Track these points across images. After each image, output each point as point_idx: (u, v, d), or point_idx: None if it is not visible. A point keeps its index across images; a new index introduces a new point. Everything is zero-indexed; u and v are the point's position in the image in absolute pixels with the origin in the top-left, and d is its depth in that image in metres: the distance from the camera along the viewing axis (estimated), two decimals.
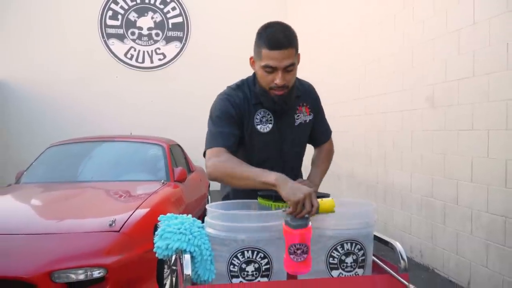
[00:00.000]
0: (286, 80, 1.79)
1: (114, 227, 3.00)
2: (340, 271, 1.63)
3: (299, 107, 1.99)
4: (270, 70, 1.78)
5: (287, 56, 1.75)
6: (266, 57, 1.76)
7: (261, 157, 1.94)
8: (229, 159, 1.77)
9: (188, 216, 1.70)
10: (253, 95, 1.93)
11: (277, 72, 1.77)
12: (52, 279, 2.63)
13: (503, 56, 3.50)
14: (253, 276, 1.55)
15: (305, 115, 2.01)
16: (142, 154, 4.93)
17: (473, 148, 3.87)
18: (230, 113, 1.88)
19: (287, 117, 1.96)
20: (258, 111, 1.92)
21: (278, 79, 1.77)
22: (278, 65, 1.75)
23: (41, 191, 4.16)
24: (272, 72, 1.78)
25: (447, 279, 4.23)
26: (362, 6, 6.31)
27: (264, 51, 1.76)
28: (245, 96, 1.92)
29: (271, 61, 1.75)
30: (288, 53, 1.75)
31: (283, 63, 1.75)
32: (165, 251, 1.59)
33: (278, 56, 1.74)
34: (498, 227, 3.56)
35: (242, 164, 1.73)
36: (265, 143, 1.94)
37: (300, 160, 2.12)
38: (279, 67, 1.76)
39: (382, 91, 5.58)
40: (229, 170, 1.73)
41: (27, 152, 8.72)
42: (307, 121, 2.02)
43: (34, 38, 9.77)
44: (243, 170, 1.70)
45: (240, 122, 1.89)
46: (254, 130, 1.92)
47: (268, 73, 1.78)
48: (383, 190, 5.59)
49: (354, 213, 1.71)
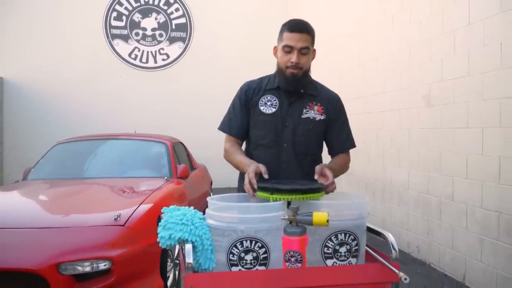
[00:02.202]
0: (301, 61, 2.09)
1: (119, 222, 3.07)
2: (334, 260, 1.70)
3: (311, 104, 2.19)
4: (288, 50, 2.08)
5: (304, 39, 2.08)
6: (286, 38, 2.09)
7: (259, 134, 2.21)
8: (230, 148, 2.22)
9: (190, 208, 1.79)
10: (270, 82, 2.24)
11: (293, 52, 2.07)
12: (59, 271, 2.70)
13: (497, 56, 3.57)
14: (252, 264, 1.62)
15: (316, 113, 2.18)
16: (146, 152, 4.99)
17: (468, 145, 3.93)
18: (240, 101, 2.23)
19: (296, 107, 2.17)
20: (266, 95, 2.20)
21: (294, 58, 2.07)
22: (295, 45, 2.06)
23: (48, 187, 4.24)
24: (290, 52, 2.08)
25: (443, 273, 4.28)
26: (360, 7, 6.39)
27: (285, 33, 2.09)
28: (258, 84, 2.26)
29: (290, 41, 2.07)
30: (305, 37, 2.08)
31: (299, 44, 2.06)
32: (168, 241, 1.66)
33: (296, 37, 2.06)
34: (492, 222, 3.62)
35: (237, 154, 2.16)
36: (264, 123, 2.18)
37: (302, 150, 2.19)
38: (296, 47, 2.06)
39: (381, 90, 5.65)
40: (229, 159, 2.21)
41: (32, 150, 8.82)
42: (316, 119, 2.18)
43: (40, 39, 9.85)
44: (236, 161, 2.14)
45: (245, 104, 2.23)
46: (257, 110, 2.19)
47: (286, 52, 2.09)
48: (381, 187, 5.66)
49: (348, 205, 1.79)
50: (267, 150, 2.17)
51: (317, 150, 2.25)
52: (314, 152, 2.24)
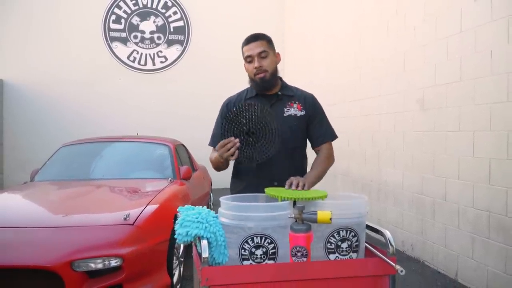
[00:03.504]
0: (263, 64, 2.30)
1: (129, 221, 3.17)
2: (336, 255, 1.80)
3: (290, 103, 2.39)
4: (250, 59, 2.32)
5: (259, 45, 2.30)
6: (245, 50, 2.33)
7: None
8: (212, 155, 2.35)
9: (203, 207, 1.93)
10: (249, 92, 2.44)
11: (254, 59, 2.30)
12: (72, 268, 2.79)
13: (488, 62, 3.66)
14: (261, 259, 1.72)
15: (296, 110, 2.38)
16: (149, 154, 5.08)
17: (460, 148, 4.01)
18: (221, 116, 2.41)
19: (277, 108, 2.35)
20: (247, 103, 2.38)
21: (256, 63, 2.29)
22: (252, 53, 2.30)
23: (57, 188, 4.33)
24: (251, 61, 2.31)
25: (436, 270, 4.36)
26: (357, 12, 6.44)
27: (244, 48, 2.34)
28: (238, 96, 2.47)
29: (248, 51, 2.31)
30: (259, 43, 2.31)
31: (256, 50, 2.29)
32: (185, 237, 1.76)
33: (252, 46, 2.30)
34: (483, 221, 3.71)
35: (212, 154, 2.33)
36: None
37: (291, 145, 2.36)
38: (254, 54, 2.30)
39: (376, 93, 5.71)
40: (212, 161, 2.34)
41: (32, 152, 8.90)
42: (298, 115, 2.38)
43: (39, 41, 9.88)
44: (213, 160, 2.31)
45: None
46: None
47: (249, 62, 2.33)
48: (376, 187, 5.71)
49: (349, 205, 1.91)
50: None
51: (303, 144, 2.44)
52: (301, 146, 2.43)
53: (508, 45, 3.47)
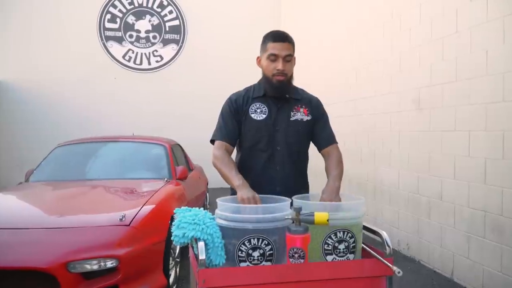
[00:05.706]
0: (286, 68, 2.23)
1: (124, 222, 3.16)
2: (333, 256, 1.81)
3: (297, 107, 2.36)
4: (273, 58, 2.22)
5: (286, 48, 2.23)
6: (271, 48, 2.23)
7: (252, 140, 2.32)
8: (221, 157, 2.23)
9: (200, 209, 1.92)
10: (256, 90, 2.36)
11: (278, 60, 2.22)
12: (68, 269, 2.78)
13: (483, 62, 3.67)
14: (259, 260, 1.72)
15: (303, 114, 2.35)
16: (145, 154, 5.07)
17: (456, 147, 4.03)
18: (230, 109, 2.33)
19: (284, 112, 2.32)
20: (255, 103, 2.33)
21: (280, 65, 2.21)
22: (279, 53, 2.21)
23: (52, 189, 4.30)
24: (275, 60, 2.22)
25: (432, 269, 4.38)
26: (353, 14, 6.46)
27: (270, 43, 2.24)
28: (246, 93, 2.37)
29: (275, 50, 2.21)
30: (288, 46, 2.24)
31: (283, 52, 2.22)
32: (182, 239, 1.77)
33: (280, 47, 2.22)
34: (478, 220, 3.73)
35: (227, 165, 2.18)
36: (257, 129, 2.30)
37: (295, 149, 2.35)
38: (280, 55, 2.21)
39: (372, 93, 5.73)
40: (219, 167, 2.20)
41: (29, 151, 8.86)
42: (304, 120, 2.35)
43: (35, 41, 9.85)
44: (225, 172, 2.16)
45: (236, 113, 2.32)
46: (248, 117, 2.31)
47: (272, 61, 2.23)
48: (372, 187, 5.74)
49: (346, 206, 1.93)
50: (262, 154, 2.31)
51: (307, 146, 2.43)
52: (305, 150, 2.42)
53: (504, 45, 3.48)
